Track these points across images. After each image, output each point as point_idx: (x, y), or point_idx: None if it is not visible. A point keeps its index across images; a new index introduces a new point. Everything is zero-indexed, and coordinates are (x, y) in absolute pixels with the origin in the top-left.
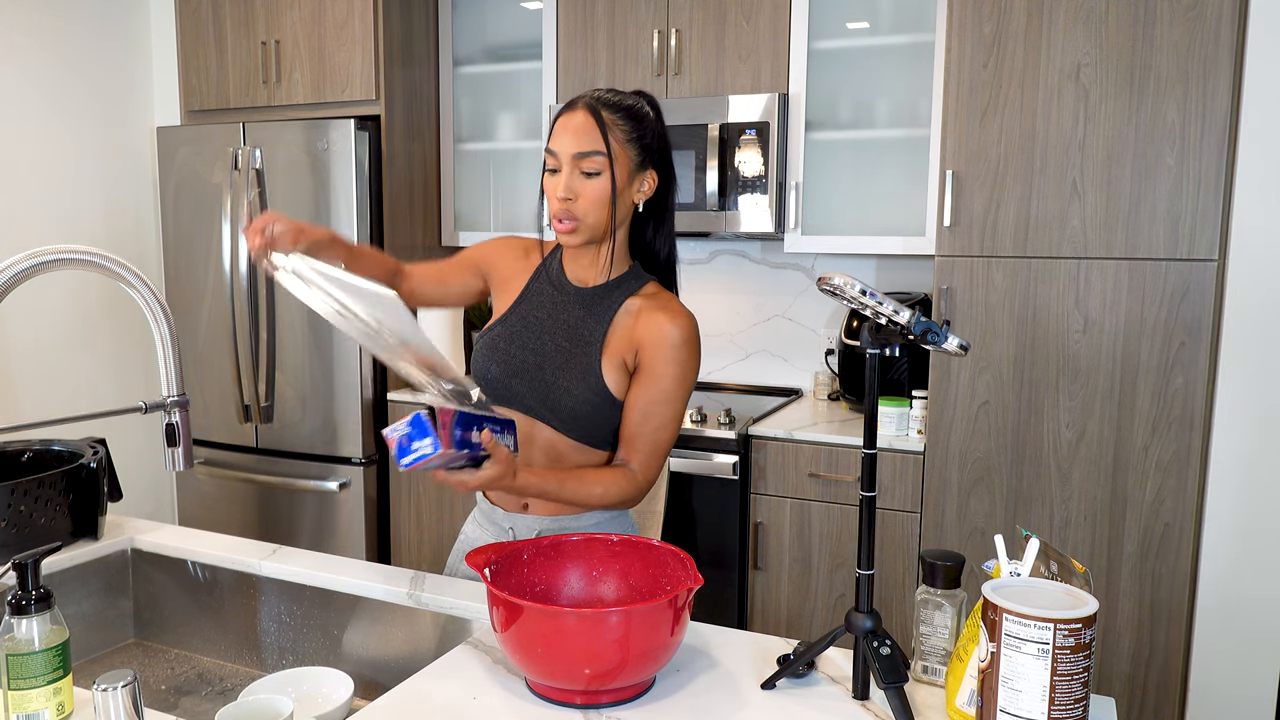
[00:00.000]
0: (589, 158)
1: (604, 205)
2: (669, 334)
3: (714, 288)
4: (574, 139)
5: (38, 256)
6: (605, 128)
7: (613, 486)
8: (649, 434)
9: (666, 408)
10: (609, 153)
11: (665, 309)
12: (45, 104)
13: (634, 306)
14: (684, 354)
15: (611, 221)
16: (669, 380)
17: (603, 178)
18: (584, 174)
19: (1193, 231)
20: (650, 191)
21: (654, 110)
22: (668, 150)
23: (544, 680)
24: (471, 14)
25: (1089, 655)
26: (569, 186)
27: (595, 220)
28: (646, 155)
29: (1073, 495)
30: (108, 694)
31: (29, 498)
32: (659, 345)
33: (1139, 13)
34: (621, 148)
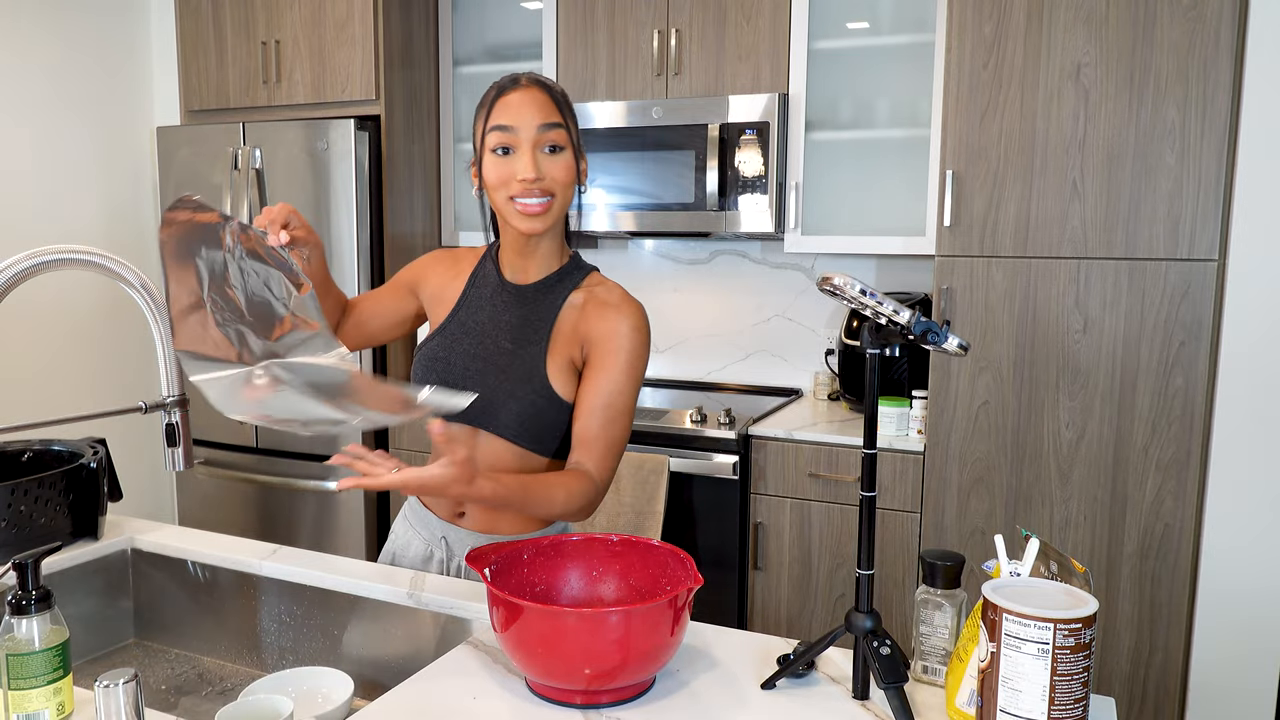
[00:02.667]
0: (553, 130)
1: (571, 184)
2: (617, 326)
3: (714, 288)
4: (536, 111)
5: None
6: (561, 101)
7: (575, 491)
8: (604, 432)
9: (620, 400)
10: (568, 127)
11: (612, 301)
12: (45, 104)
13: (578, 300)
14: (634, 344)
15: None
16: (620, 373)
17: (567, 153)
18: (548, 150)
19: (1193, 231)
20: (584, 177)
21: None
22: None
23: (544, 680)
24: (471, 14)
25: (1089, 655)
26: (535, 165)
27: (565, 199)
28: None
29: (1073, 495)
30: (109, 691)
31: (29, 498)
32: (608, 338)
33: (1139, 13)
34: (574, 126)
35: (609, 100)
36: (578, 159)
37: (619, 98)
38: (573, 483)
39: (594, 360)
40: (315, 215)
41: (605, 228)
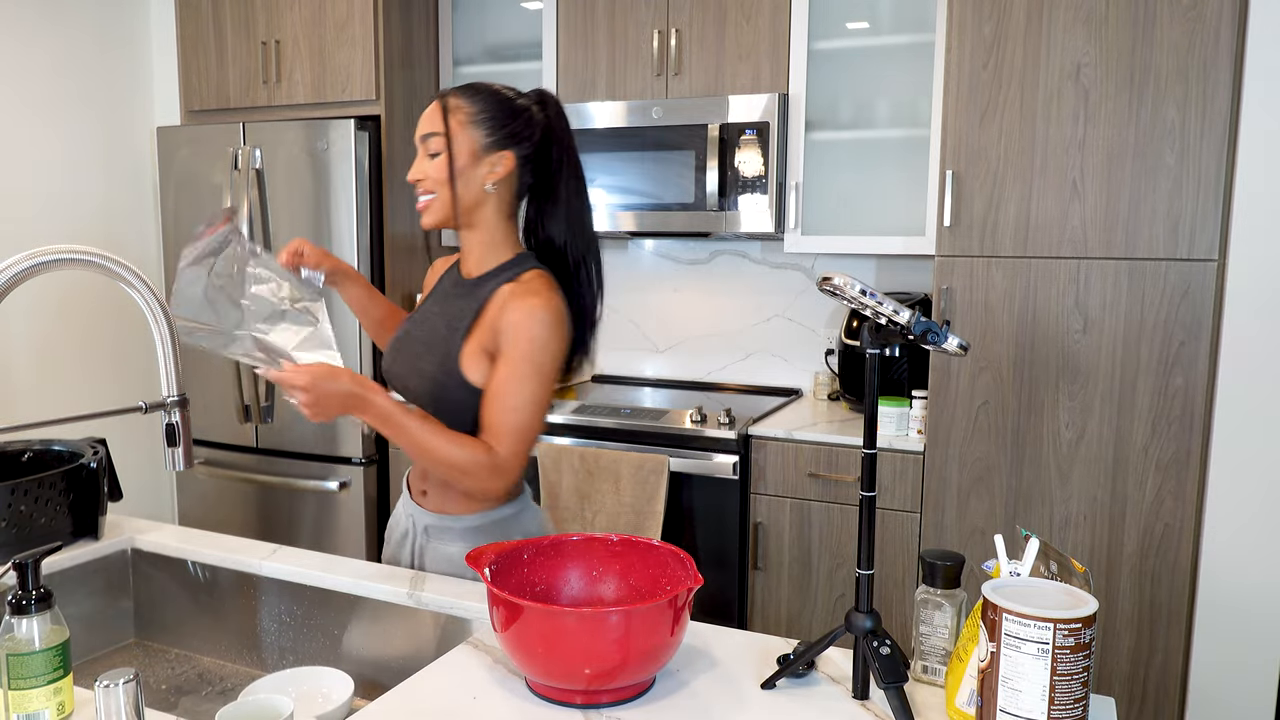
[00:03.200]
0: (430, 139)
1: (445, 183)
2: (521, 316)
3: (714, 288)
4: (422, 124)
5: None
6: (447, 112)
7: (469, 449)
8: (501, 413)
9: (517, 386)
10: (447, 133)
11: (526, 294)
12: (45, 104)
13: (504, 293)
14: (534, 334)
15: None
16: (518, 360)
17: (442, 156)
18: (429, 155)
19: (1193, 231)
20: (503, 174)
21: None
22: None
23: (544, 680)
24: (471, 14)
25: (1089, 655)
26: (418, 168)
27: (445, 197)
28: (498, 138)
29: (1072, 495)
30: (109, 691)
31: (29, 498)
32: (513, 327)
33: (1139, 13)
34: (463, 129)
35: (609, 100)
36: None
37: (619, 98)
38: (472, 442)
39: (500, 350)
40: (315, 215)
41: (605, 228)
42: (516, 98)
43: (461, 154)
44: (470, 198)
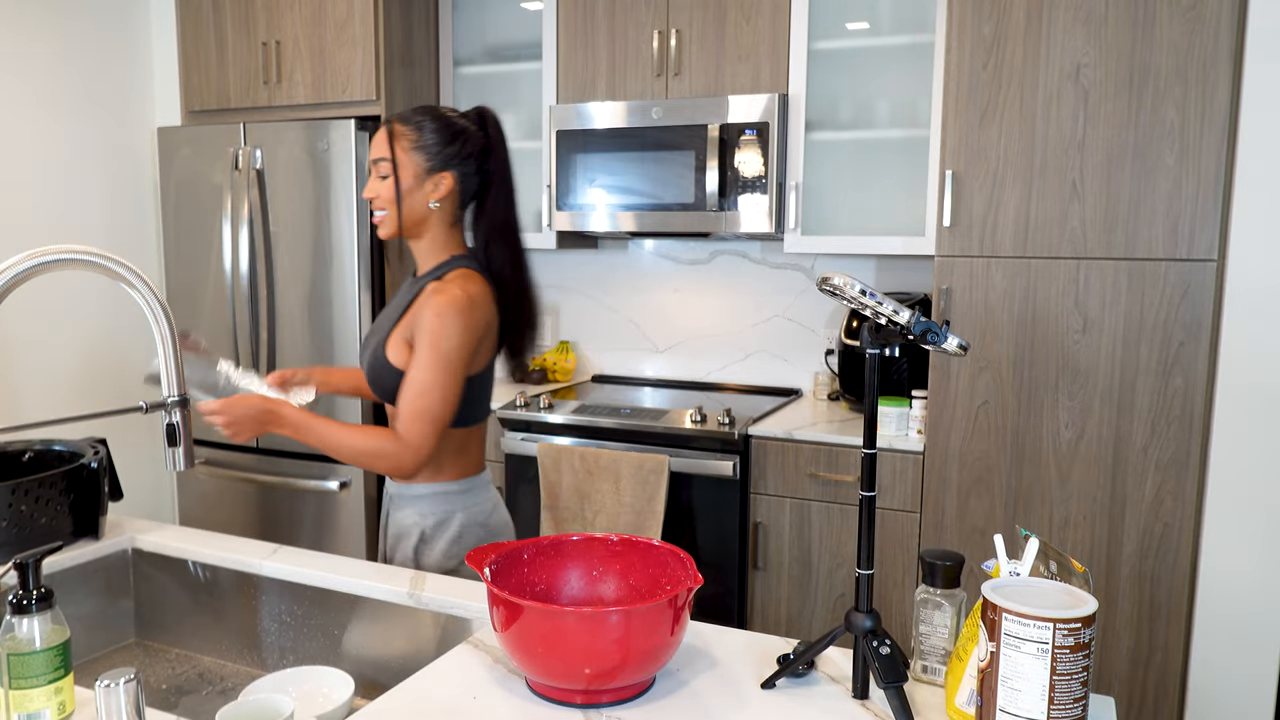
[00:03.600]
0: (378, 163)
1: (393, 203)
2: (429, 309)
3: (714, 288)
4: (373, 148)
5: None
6: (393, 138)
7: (373, 438)
8: (407, 399)
9: (422, 374)
10: (393, 159)
11: (441, 289)
12: (45, 104)
13: (428, 290)
14: (435, 328)
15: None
16: (424, 348)
17: (390, 180)
18: (380, 178)
19: (1192, 232)
20: (445, 192)
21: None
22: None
23: (544, 680)
24: (471, 14)
25: (1088, 655)
26: (370, 188)
27: (392, 214)
28: (439, 161)
29: (1072, 495)
30: (110, 690)
31: (30, 498)
32: (423, 319)
33: (1138, 13)
34: (407, 155)
35: (609, 100)
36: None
37: (619, 98)
38: (376, 432)
39: (414, 340)
40: (315, 215)
41: (605, 228)
42: (458, 119)
43: (407, 176)
44: (416, 214)
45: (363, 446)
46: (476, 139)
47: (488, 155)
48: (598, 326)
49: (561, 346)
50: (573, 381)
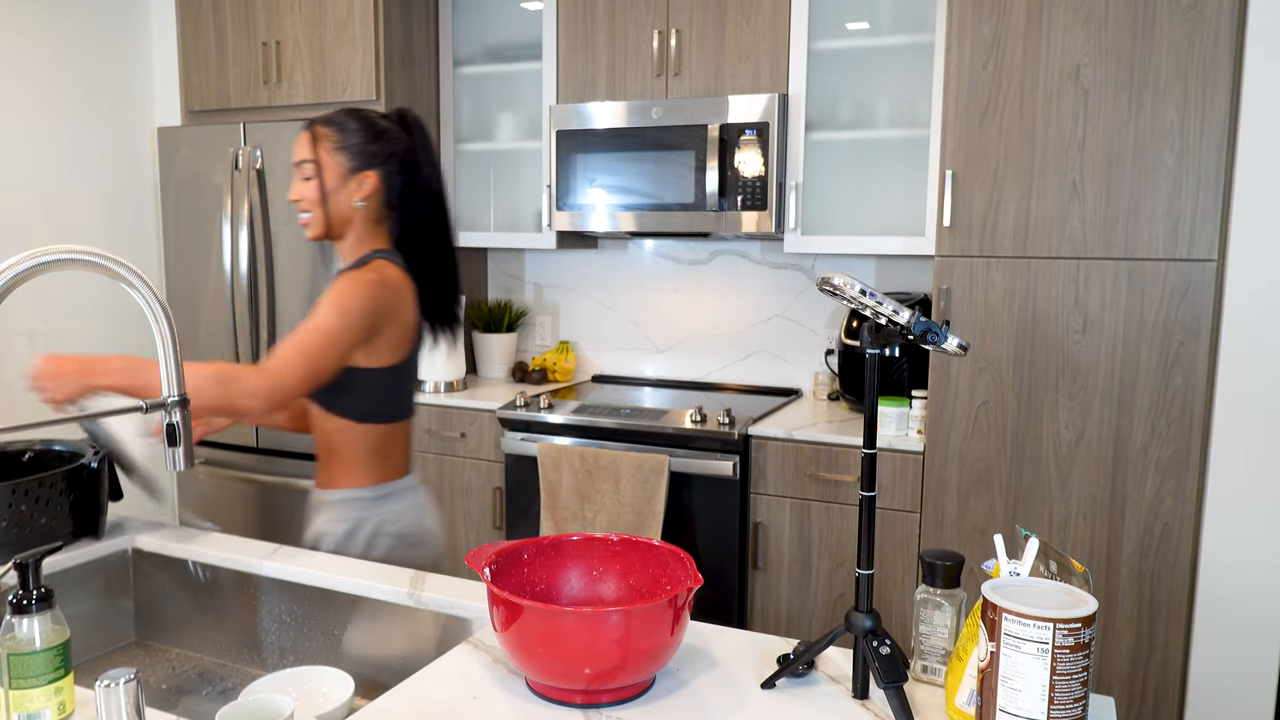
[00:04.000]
0: (302, 165)
1: (319, 204)
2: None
3: (714, 288)
4: (295, 151)
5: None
6: (316, 140)
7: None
8: (290, 337)
9: (313, 318)
10: (316, 160)
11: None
12: (45, 104)
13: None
14: (343, 285)
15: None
16: (324, 302)
17: (314, 181)
18: (303, 179)
19: (1192, 232)
20: (369, 191)
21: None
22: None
23: (544, 680)
24: (471, 14)
25: (1088, 655)
26: (294, 190)
27: (318, 215)
28: (362, 160)
29: (1072, 495)
30: (110, 690)
31: (30, 498)
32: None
33: (1138, 13)
34: (330, 156)
35: (609, 100)
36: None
37: (619, 98)
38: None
39: None
40: None
41: (605, 228)
42: (379, 120)
43: (331, 177)
44: (341, 214)
45: (210, 370)
46: (400, 139)
47: (411, 154)
48: (598, 326)
49: (561, 346)
50: (573, 381)
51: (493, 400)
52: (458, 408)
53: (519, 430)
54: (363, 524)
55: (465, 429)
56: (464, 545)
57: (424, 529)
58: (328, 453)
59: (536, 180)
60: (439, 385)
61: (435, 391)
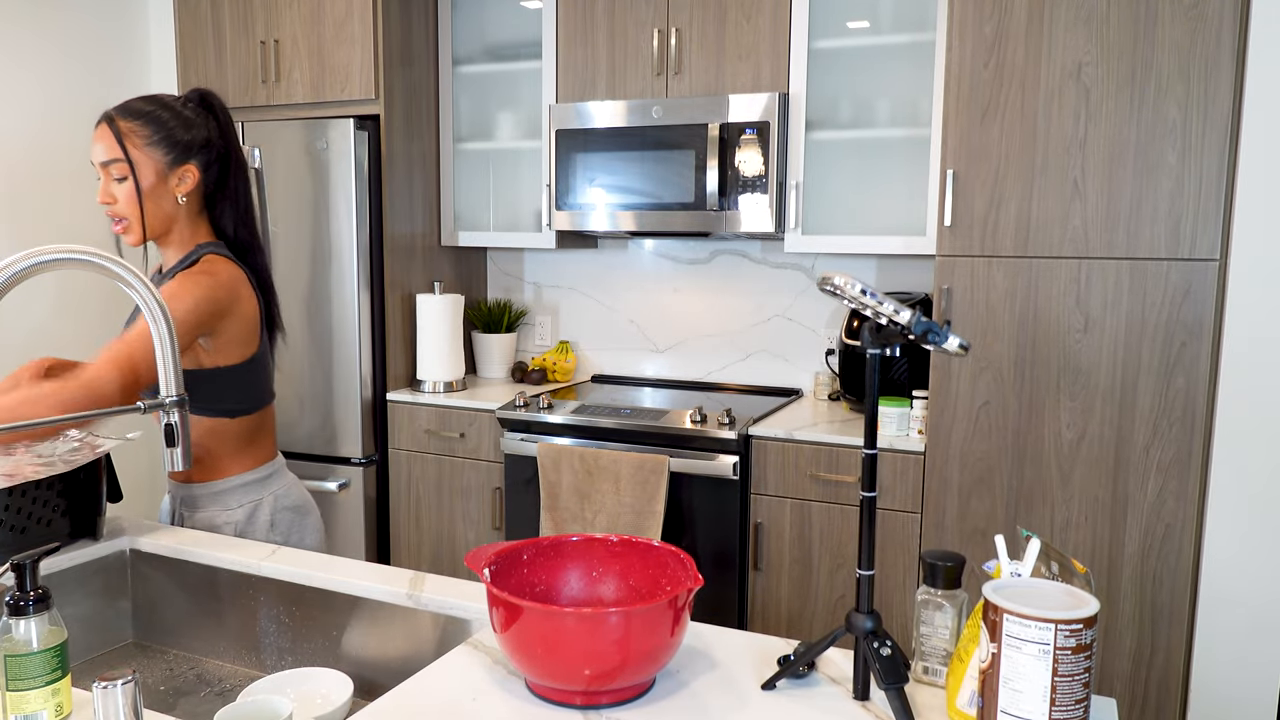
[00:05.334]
0: (113, 165)
1: (135, 205)
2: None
3: (714, 288)
4: (98, 150)
5: (37, 256)
6: (121, 136)
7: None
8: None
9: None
10: (127, 158)
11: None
12: (43, 103)
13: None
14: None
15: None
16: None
17: (129, 182)
18: (115, 180)
19: (1194, 231)
20: (191, 185)
21: (205, 106)
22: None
23: (544, 680)
24: (471, 13)
25: (1090, 656)
26: (106, 192)
27: (136, 218)
28: (179, 153)
29: (1073, 495)
30: (108, 692)
31: (27, 498)
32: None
33: (1140, 12)
34: (142, 152)
35: (609, 100)
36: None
37: (619, 97)
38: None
39: None
40: (314, 215)
41: (605, 228)
42: (184, 107)
43: (148, 175)
44: (164, 213)
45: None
46: (208, 125)
47: (223, 140)
48: (598, 326)
49: (561, 346)
50: (572, 381)
51: (492, 400)
52: (457, 408)
53: (519, 430)
54: (260, 505)
55: (465, 429)
56: (464, 545)
57: (306, 498)
58: (202, 450)
59: (536, 180)
60: (438, 385)
61: (435, 391)
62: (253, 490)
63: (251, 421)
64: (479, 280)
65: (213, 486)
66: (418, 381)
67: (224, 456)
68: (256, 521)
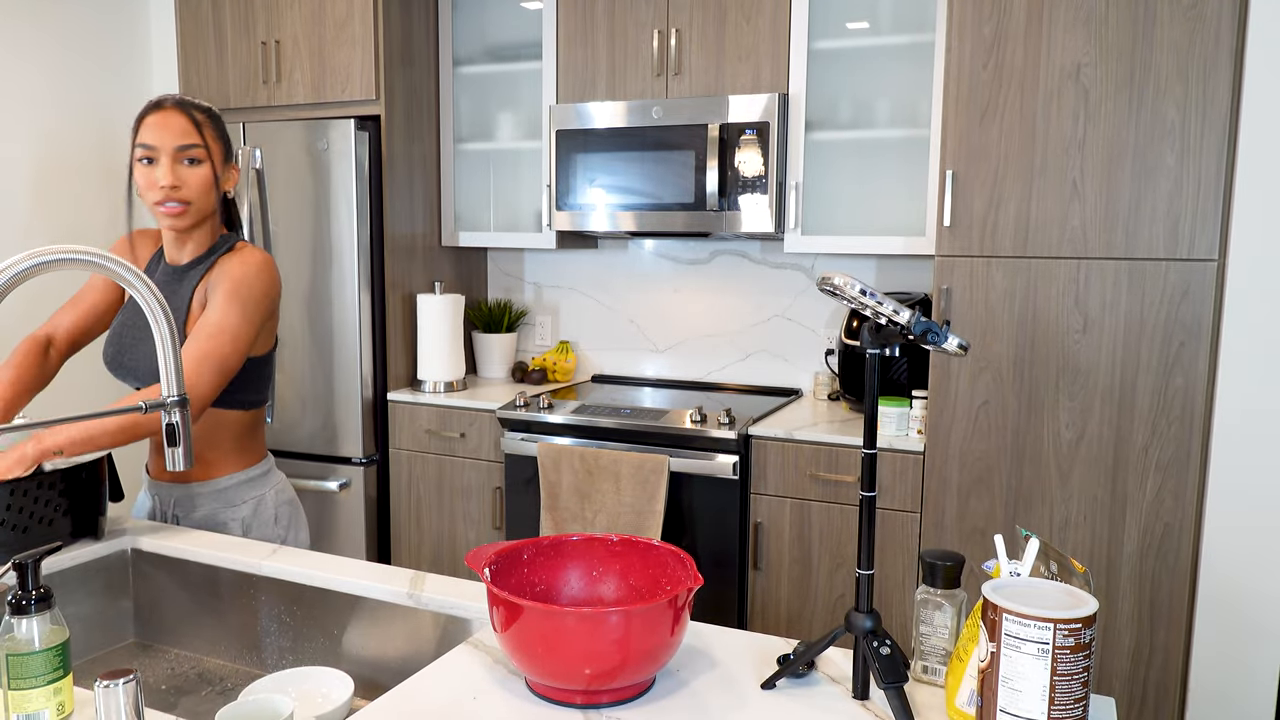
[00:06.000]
0: (191, 149)
1: (207, 193)
2: (231, 265)
3: (714, 288)
4: (173, 133)
5: (38, 256)
6: (200, 126)
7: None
8: (196, 341)
9: (216, 315)
10: (206, 144)
11: (241, 252)
12: (45, 103)
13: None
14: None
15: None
16: (222, 295)
17: (205, 166)
18: (185, 163)
19: (1193, 231)
20: (235, 180)
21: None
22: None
23: (544, 680)
24: (471, 14)
25: (1089, 655)
26: (174, 174)
27: (205, 204)
28: (228, 151)
29: (1072, 495)
30: (109, 691)
31: (29, 498)
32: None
33: (1139, 12)
34: (215, 143)
35: (609, 100)
36: (216, 170)
37: (619, 98)
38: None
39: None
40: (315, 215)
41: (605, 228)
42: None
43: (217, 166)
44: (214, 203)
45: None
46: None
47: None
48: (597, 326)
49: (561, 346)
50: (573, 381)
51: (493, 400)
52: (457, 408)
53: (519, 430)
54: (263, 500)
55: (465, 429)
56: (464, 545)
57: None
58: (206, 444)
59: (536, 180)
60: (439, 385)
61: (435, 391)
62: (256, 485)
63: (254, 417)
64: (479, 280)
65: (215, 484)
66: (418, 381)
67: (225, 453)
68: (262, 517)
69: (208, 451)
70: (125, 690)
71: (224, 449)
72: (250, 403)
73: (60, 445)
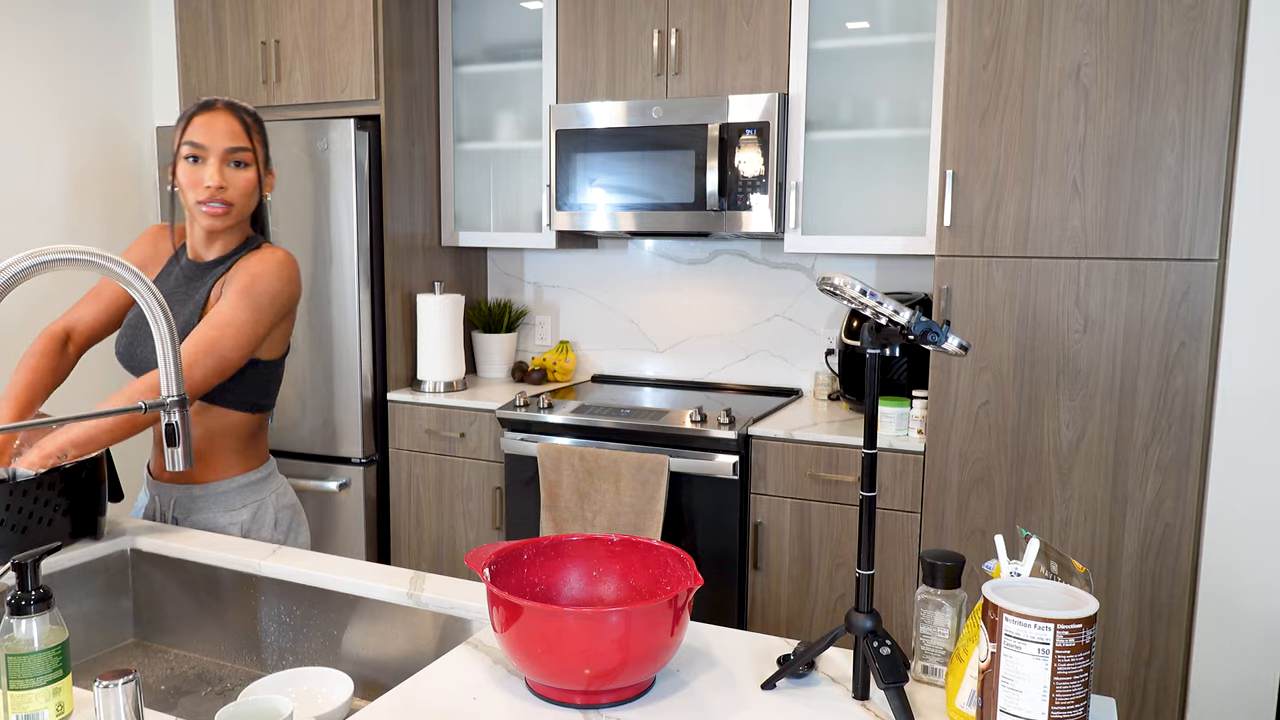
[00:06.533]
0: (240, 151)
1: (254, 193)
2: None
3: (714, 288)
4: (223, 135)
5: (38, 256)
6: (250, 130)
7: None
8: (200, 331)
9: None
10: (254, 148)
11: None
12: (45, 104)
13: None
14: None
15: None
16: (234, 290)
17: (251, 170)
18: (233, 165)
19: (1193, 231)
20: (272, 187)
21: None
22: None
23: (544, 680)
24: (471, 14)
25: (1089, 655)
26: (222, 177)
27: (246, 207)
28: (268, 157)
29: (1073, 495)
30: (109, 691)
31: (28, 498)
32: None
33: (1139, 12)
34: (261, 147)
35: (609, 100)
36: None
37: (619, 98)
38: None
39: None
40: (315, 215)
41: (605, 228)
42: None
43: (260, 170)
44: (254, 206)
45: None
46: None
47: None
48: (598, 326)
49: (561, 346)
50: (572, 381)
51: (492, 400)
52: (457, 408)
53: (519, 430)
54: (264, 505)
55: (465, 429)
56: (464, 545)
57: (295, 496)
58: (209, 445)
59: (536, 180)
60: (438, 385)
61: (435, 391)
62: (257, 490)
63: (258, 421)
64: (479, 280)
65: (216, 487)
66: (418, 381)
67: (230, 454)
68: (262, 521)
69: (209, 452)
70: (125, 690)
71: (226, 450)
72: (256, 406)
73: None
